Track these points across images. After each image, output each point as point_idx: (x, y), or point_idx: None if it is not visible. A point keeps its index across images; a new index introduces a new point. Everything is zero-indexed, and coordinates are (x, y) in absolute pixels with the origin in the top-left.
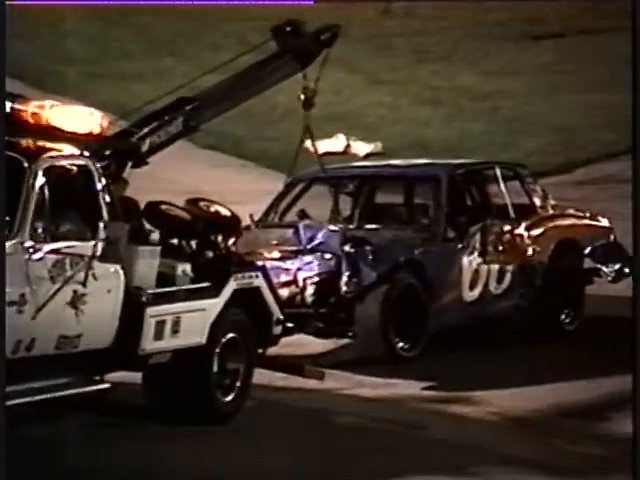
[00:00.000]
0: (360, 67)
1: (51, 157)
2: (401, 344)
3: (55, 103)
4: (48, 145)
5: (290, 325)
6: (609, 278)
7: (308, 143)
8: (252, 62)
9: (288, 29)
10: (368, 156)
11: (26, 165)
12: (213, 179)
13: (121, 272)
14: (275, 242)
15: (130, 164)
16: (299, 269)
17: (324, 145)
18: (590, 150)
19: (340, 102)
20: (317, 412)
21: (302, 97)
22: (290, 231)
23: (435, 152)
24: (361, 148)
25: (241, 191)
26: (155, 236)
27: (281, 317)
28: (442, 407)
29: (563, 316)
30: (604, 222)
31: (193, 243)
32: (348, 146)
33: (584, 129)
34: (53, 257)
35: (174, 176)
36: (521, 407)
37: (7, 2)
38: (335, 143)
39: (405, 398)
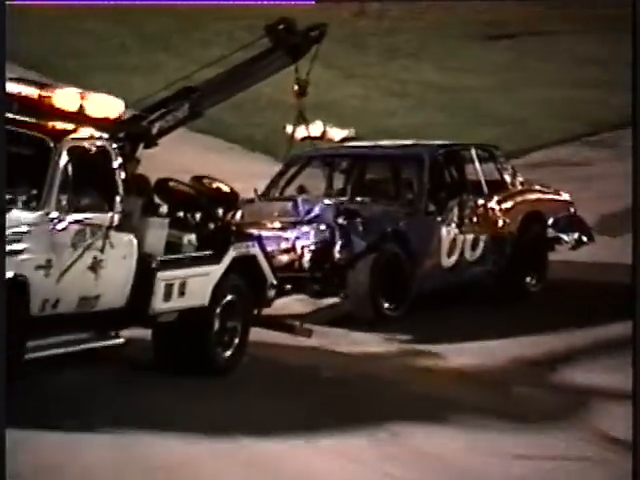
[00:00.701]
0: (336, 63)
1: (73, 138)
2: (387, 305)
3: (73, 90)
4: (71, 127)
5: (289, 287)
6: (569, 246)
7: (290, 129)
8: (248, 56)
9: (281, 27)
10: (343, 140)
11: (52, 145)
12: (205, 160)
13: (134, 241)
14: (276, 214)
15: (142, 145)
16: (297, 238)
17: (304, 130)
18: (542, 137)
19: (318, 94)
20: (308, 366)
21: (296, 87)
22: (290, 204)
23: (402, 138)
24: (336, 134)
25: (228, 170)
26: (164, 209)
27: (274, 282)
28: (420, 361)
29: (528, 279)
30: (565, 197)
31: (197, 216)
32: (325, 132)
33: (536, 119)
34: (75, 227)
35: (172, 157)
36: (497, 356)
37: (7, 2)
38: (314, 129)
39: (387, 353)
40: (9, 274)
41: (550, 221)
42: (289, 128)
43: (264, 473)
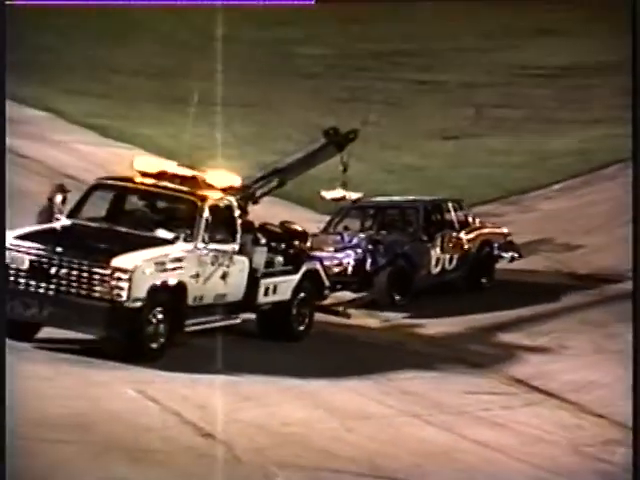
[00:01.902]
0: (351, 153)
1: (212, 199)
2: (398, 297)
3: (210, 170)
4: (210, 193)
5: (339, 286)
6: (507, 260)
7: (323, 192)
8: (313, 149)
9: (331, 131)
10: (356, 200)
11: (199, 204)
12: (278, 212)
13: (247, 261)
14: (331, 242)
15: (250, 203)
16: (344, 257)
17: (332, 194)
18: (473, 198)
19: (340, 172)
20: (347, 335)
21: (340, 168)
22: (339, 237)
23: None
24: (352, 196)
25: (291, 218)
26: (263, 241)
27: (328, 284)
28: (411, 330)
29: (483, 280)
30: (504, 230)
31: (283, 245)
32: (344, 195)
33: (470, 187)
34: (213, 253)
35: (262, 211)
36: (459, 326)
37: (7, 2)
38: (338, 193)
39: (395, 326)
40: (174, 281)
41: (496, 245)
42: (323, 193)
43: (306, 401)
